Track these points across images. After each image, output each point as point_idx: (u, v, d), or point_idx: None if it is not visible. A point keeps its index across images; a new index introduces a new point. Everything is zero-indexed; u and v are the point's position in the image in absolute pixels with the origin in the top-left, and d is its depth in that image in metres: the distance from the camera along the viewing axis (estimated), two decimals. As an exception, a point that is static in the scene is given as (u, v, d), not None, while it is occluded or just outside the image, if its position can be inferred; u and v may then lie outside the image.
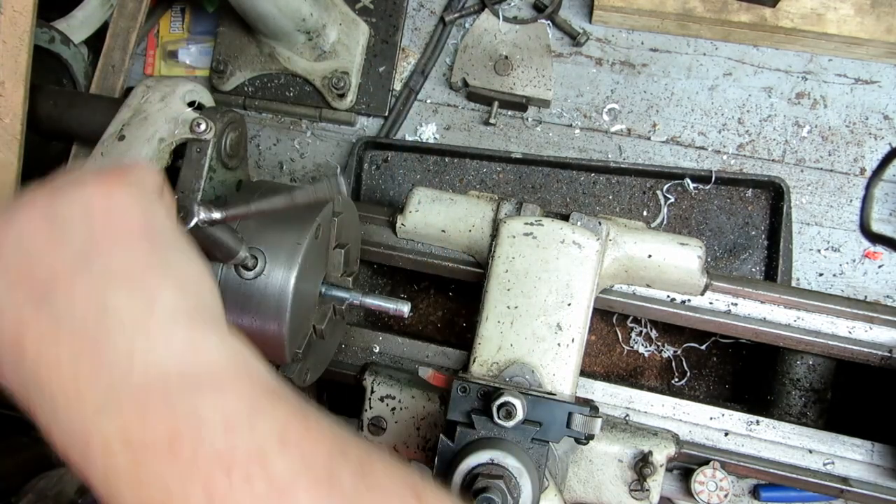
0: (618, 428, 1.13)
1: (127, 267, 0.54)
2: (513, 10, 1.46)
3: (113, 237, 0.56)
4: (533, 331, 1.07)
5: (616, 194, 1.41)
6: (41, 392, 0.50)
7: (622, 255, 1.12)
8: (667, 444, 1.10)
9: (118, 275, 0.54)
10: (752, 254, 1.37)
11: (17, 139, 1.07)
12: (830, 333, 1.15)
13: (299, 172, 1.55)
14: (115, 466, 0.47)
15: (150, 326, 0.52)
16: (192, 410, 0.48)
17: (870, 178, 1.36)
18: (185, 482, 0.46)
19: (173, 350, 0.52)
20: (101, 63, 1.31)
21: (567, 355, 1.06)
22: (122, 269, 0.54)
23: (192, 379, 0.50)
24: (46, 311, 0.52)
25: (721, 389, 1.39)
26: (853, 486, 1.12)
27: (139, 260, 0.55)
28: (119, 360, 0.50)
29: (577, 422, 0.93)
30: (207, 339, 0.54)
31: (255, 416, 0.49)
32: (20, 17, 1.05)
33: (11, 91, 1.06)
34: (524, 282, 1.08)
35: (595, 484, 1.10)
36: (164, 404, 0.49)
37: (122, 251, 0.55)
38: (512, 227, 1.10)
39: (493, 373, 1.06)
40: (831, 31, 1.30)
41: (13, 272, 0.53)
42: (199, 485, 0.46)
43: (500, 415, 0.89)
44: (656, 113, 1.43)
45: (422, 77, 1.50)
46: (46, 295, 0.52)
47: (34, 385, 0.51)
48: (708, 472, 1.14)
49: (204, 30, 1.59)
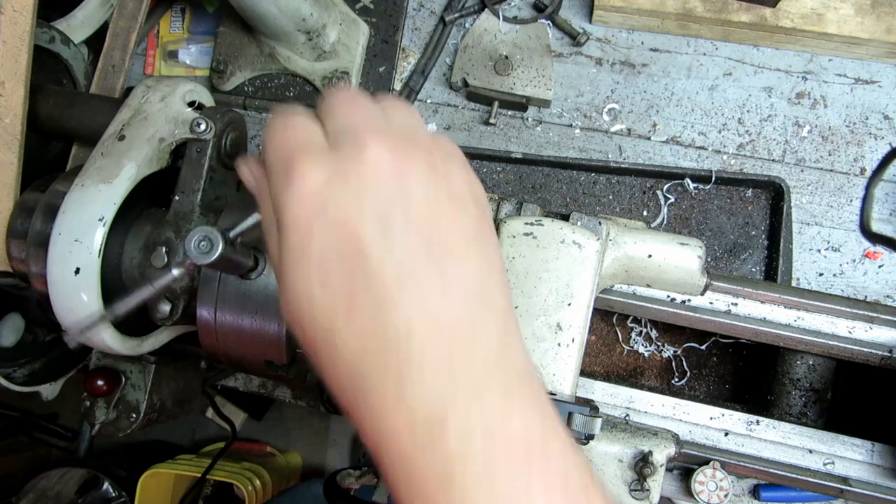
0: (618, 428, 1.13)
1: (496, 256, 0.53)
2: (513, 10, 1.46)
3: (488, 223, 0.55)
4: (533, 331, 1.07)
5: (616, 194, 1.41)
6: (392, 359, 0.48)
7: (622, 255, 1.12)
8: (667, 444, 1.10)
9: (494, 263, 0.53)
10: (752, 254, 1.37)
11: (18, 139, 1.06)
12: (830, 333, 1.14)
13: (299, 172, 1.55)
14: (466, 455, 0.45)
15: (511, 321, 0.51)
16: (549, 414, 0.48)
17: (870, 178, 1.36)
18: (531, 486, 0.45)
19: (522, 350, 0.51)
20: (101, 63, 1.31)
21: (567, 355, 1.06)
22: (495, 257, 0.53)
23: (534, 386, 0.50)
24: (437, 278, 0.49)
25: (721, 389, 1.39)
26: (853, 486, 1.12)
27: (496, 247, 0.54)
28: (490, 349, 0.48)
29: (578, 422, 0.93)
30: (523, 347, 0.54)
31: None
32: (20, 17, 1.04)
33: (11, 91, 1.06)
34: (524, 282, 1.08)
35: None
36: (526, 403, 0.48)
37: (492, 237, 0.54)
38: (512, 226, 1.10)
39: None
40: (831, 31, 1.30)
41: (417, 226, 0.50)
42: (541, 495, 0.45)
43: None
44: (656, 113, 1.43)
45: (422, 77, 1.50)
46: (441, 262, 0.49)
47: (386, 349, 0.48)
48: (708, 472, 1.14)
49: (204, 30, 1.59)
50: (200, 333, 0.94)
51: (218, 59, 1.53)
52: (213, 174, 1.01)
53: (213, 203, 1.01)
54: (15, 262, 1.07)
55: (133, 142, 0.98)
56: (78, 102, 1.15)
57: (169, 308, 0.95)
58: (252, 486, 2.41)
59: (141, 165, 0.96)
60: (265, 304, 0.90)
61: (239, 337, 0.93)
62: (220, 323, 0.92)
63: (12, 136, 1.06)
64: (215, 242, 0.63)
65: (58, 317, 0.94)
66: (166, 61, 1.60)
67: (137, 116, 1.01)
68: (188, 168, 1.00)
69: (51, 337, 1.35)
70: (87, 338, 0.95)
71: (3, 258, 1.07)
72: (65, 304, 0.92)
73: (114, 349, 0.97)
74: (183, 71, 1.60)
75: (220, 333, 0.93)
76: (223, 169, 1.03)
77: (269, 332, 0.93)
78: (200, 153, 1.00)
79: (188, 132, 0.99)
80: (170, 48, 1.60)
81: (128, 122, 1.00)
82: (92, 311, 0.91)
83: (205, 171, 0.99)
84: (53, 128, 1.14)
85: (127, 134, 0.99)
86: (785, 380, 1.26)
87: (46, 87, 1.16)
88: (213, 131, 0.99)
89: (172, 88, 1.04)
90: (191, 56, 1.59)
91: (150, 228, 0.99)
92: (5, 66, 1.05)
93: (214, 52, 1.54)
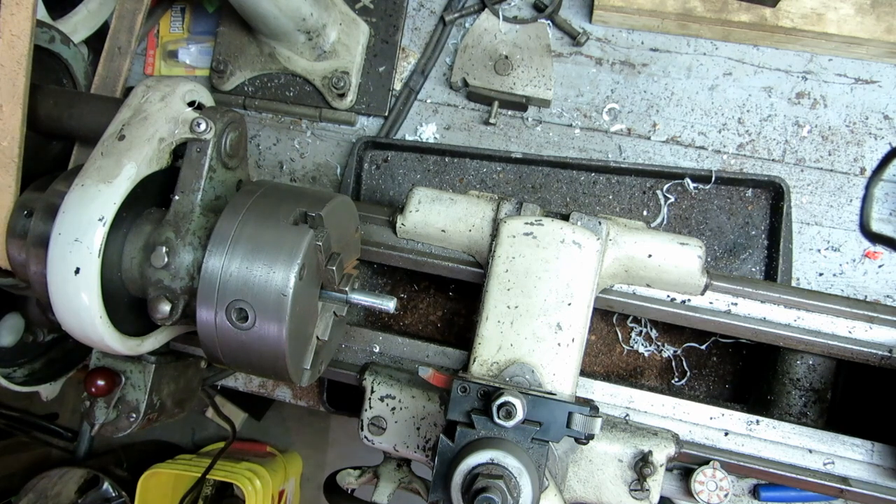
0: (618, 428, 1.13)
1: None
2: (513, 9, 1.46)
3: None
4: (533, 330, 1.07)
5: (616, 194, 1.41)
6: None
7: (622, 255, 1.12)
8: (667, 444, 1.10)
9: None
10: (752, 254, 1.37)
11: (15, 162, 1.05)
12: (830, 333, 1.14)
13: (299, 172, 1.55)
14: None
15: None
16: None
17: (870, 177, 1.36)
18: None
19: None
20: (107, 45, 1.30)
21: (567, 355, 1.06)
22: None
23: None
24: None
25: (721, 389, 1.39)
26: (853, 485, 1.12)
27: None
28: None
29: (578, 422, 0.93)
30: None
31: None
32: (18, 41, 1.02)
33: (9, 115, 1.04)
34: (524, 281, 1.08)
35: (595, 484, 1.10)
36: None
37: None
38: (512, 226, 1.10)
39: (493, 373, 1.06)
40: (831, 30, 1.30)
41: None
42: None
43: (500, 415, 0.89)
44: (656, 113, 1.43)
45: (422, 77, 1.50)
46: None
47: None
48: (708, 472, 1.14)
49: (204, 30, 1.59)
50: (200, 334, 0.94)
51: (218, 59, 1.53)
52: (213, 174, 1.01)
53: (213, 203, 1.01)
54: (15, 263, 1.07)
55: (133, 142, 0.98)
56: (78, 102, 1.14)
57: (169, 308, 0.95)
58: (252, 486, 2.41)
59: (141, 165, 0.96)
60: (264, 352, 0.91)
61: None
62: (221, 322, 0.92)
63: (10, 158, 1.04)
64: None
65: (58, 317, 0.94)
66: (166, 61, 1.60)
67: (137, 116, 1.01)
68: (188, 168, 1.00)
69: (51, 337, 1.35)
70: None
71: (3, 258, 1.07)
72: (65, 304, 0.92)
73: (114, 349, 0.97)
74: (183, 71, 1.60)
75: (220, 333, 0.93)
76: (223, 169, 1.03)
77: (275, 368, 0.95)
78: (200, 153, 0.99)
79: (188, 132, 0.99)
80: (170, 48, 1.60)
81: (128, 122, 1.00)
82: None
83: (205, 171, 0.99)
84: (53, 128, 1.14)
85: (127, 134, 0.99)
86: (785, 380, 1.26)
87: (46, 87, 1.16)
88: (213, 131, 0.99)
89: (172, 88, 1.04)
90: (191, 56, 1.59)
91: (150, 228, 0.99)
92: (3, 89, 1.03)
93: (214, 52, 1.54)
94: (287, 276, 0.89)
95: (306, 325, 0.98)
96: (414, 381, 1.16)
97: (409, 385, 1.16)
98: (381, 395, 1.16)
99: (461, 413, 0.93)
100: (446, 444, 0.91)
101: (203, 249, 0.94)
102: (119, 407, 1.17)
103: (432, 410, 1.14)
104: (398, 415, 1.15)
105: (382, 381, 1.17)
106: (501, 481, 0.84)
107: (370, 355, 1.25)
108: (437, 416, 1.13)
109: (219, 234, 0.93)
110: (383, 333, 1.26)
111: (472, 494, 0.83)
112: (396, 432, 1.15)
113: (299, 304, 0.92)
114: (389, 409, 1.15)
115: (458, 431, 0.91)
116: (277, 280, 0.89)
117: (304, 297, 0.94)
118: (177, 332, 1.11)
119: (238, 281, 0.90)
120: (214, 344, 0.94)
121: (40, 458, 2.81)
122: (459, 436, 0.91)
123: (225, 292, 0.91)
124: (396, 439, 1.15)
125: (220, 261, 0.91)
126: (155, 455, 2.70)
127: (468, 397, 0.94)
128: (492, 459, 0.86)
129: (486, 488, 0.82)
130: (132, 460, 2.71)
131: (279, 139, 1.56)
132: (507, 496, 0.83)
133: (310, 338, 1.01)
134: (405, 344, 1.25)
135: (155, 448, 3.02)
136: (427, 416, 1.14)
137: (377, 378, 1.17)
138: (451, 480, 0.87)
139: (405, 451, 1.16)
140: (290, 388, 1.57)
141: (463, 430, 0.92)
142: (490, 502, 0.81)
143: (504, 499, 0.82)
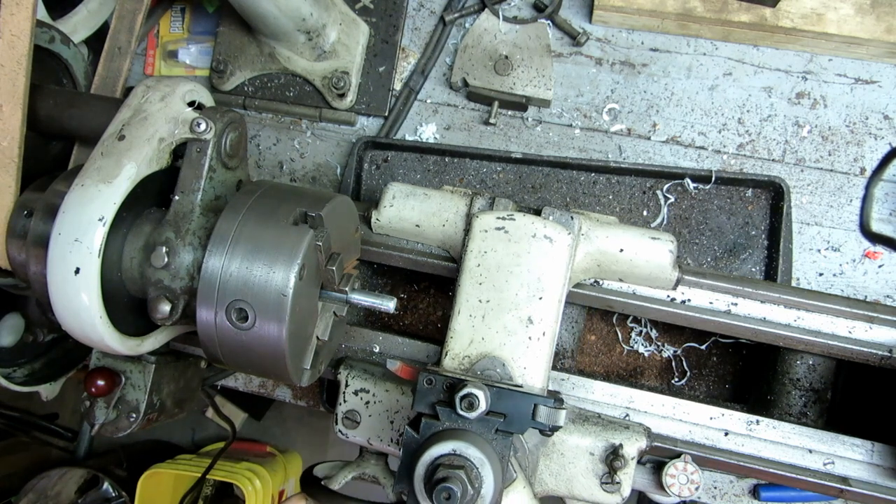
0: (589, 421, 1.13)
1: None
2: (513, 9, 1.46)
3: None
4: (504, 324, 1.07)
5: (616, 194, 1.41)
6: None
7: (594, 250, 1.12)
8: (638, 438, 1.10)
9: None
10: (752, 254, 1.37)
11: (15, 162, 1.05)
12: (830, 333, 1.15)
13: (299, 172, 1.55)
14: None
15: None
16: None
17: (870, 177, 1.36)
18: None
19: None
20: (107, 45, 1.30)
21: (538, 349, 1.06)
22: None
23: None
24: None
25: (721, 389, 1.39)
26: (853, 485, 1.12)
27: None
28: None
29: (542, 413, 0.93)
30: None
31: None
32: (18, 41, 1.02)
33: (9, 115, 1.04)
34: (496, 276, 1.08)
35: (566, 477, 1.11)
36: None
37: None
38: (484, 221, 1.10)
39: (464, 366, 1.07)
40: (831, 30, 1.30)
41: None
42: None
43: (462, 406, 0.90)
44: (656, 113, 1.43)
45: (422, 77, 1.50)
46: None
47: None
48: (679, 466, 1.14)
49: (204, 30, 1.59)
50: (200, 334, 0.94)
51: (218, 59, 1.53)
52: (213, 174, 1.01)
53: (213, 203, 1.01)
54: (15, 263, 1.07)
55: (133, 142, 0.98)
56: (78, 102, 1.15)
57: (169, 308, 0.95)
58: (252, 486, 2.41)
59: (141, 165, 0.96)
60: (264, 352, 0.90)
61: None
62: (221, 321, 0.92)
63: (10, 158, 1.04)
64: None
65: (58, 317, 0.94)
66: (166, 61, 1.60)
67: (137, 116, 1.01)
68: (188, 168, 1.00)
69: (51, 337, 1.35)
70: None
71: (3, 258, 1.07)
72: (65, 304, 0.92)
73: (114, 349, 0.97)
74: (183, 71, 1.60)
75: (220, 333, 0.93)
76: (223, 169, 1.03)
77: (275, 369, 0.94)
78: (200, 153, 1.00)
79: (188, 132, 0.99)
80: (170, 48, 1.60)
81: (128, 122, 1.00)
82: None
83: (205, 171, 0.99)
84: (53, 128, 1.14)
85: (127, 134, 0.99)
86: (785, 380, 1.26)
87: (46, 87, 1.16)
88: (213, 131, 0.99)
89: (172, 88, 1.04)
90: (191, 56, 1.59)
91: (150, 228, 0.99)
92: (3, 89, 1.03)
93: (214, 52, 1.54)
94: (287, 276, 0.89)
95: (306, 325, 0.98)
96: (388, 376, 1.16)
97: (383, 379, 1.16)
98: (355, 388, 1.16)
99: (426, 405, 0.94)
100: (411, 435, 0.92)
101: (203, 249, 0.94)
102: (119, 407, 1.17)
103: (406, 404, 1.14)
104: (372, 409, 1.15)
105: (357, 376, 1.17)
106: (462, 472, 0.83)
107: (370, 355, 1.25)
108: (410, 410, 1.13)
109: (219, 234, 0.93)
110: (383, 333, 1.26)
111: (433, 484, 0.83)
112: (370, 426, 1.16)
113: (299, 304, 0.92)
114: (363, 402, 1.16)
115: (423, 423, 0.92)
116: (277, 280, 0.89)
117: (304, 297, 0.94)
118: (177, 332, 1.11)
119: (238, 281, 0.90)
120: (214, 344, 0.94)
121: (40, 458, 2.81)
122: (424, 427, 0.91)
123: (225, 292, 0.91)
124: (370, 433, 1.16)
125: (220, 261, 0.91)
126: (155, 455, 2.69)
127: (434, 389, 0.94)
128: (454, 450, 0.86)
129: (446, 478, 0.82)
130: (132, 460, 2.71)
131: (279, 139, 1.56)
132: (468, 486, 0.83)
133: (310, 338, 1.01)
134: (405, 344, 1.25)
135: (155, 448, 3.02)
136: (401, 410, 1.14)
137: (351, 372, 1.17)
138: (415, 471, 0.87)
139: (379, 445, 1.16)
140: (290, 388, 1.57)
141: (428, 421, 0.92)
142: (449, 492, 0.81)
143: (464, 489, 0.82)
